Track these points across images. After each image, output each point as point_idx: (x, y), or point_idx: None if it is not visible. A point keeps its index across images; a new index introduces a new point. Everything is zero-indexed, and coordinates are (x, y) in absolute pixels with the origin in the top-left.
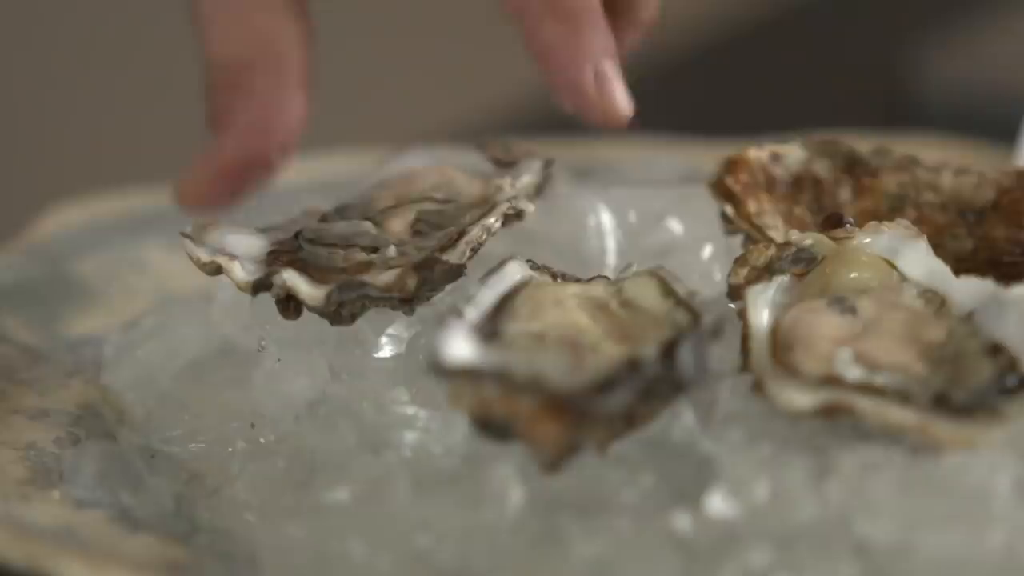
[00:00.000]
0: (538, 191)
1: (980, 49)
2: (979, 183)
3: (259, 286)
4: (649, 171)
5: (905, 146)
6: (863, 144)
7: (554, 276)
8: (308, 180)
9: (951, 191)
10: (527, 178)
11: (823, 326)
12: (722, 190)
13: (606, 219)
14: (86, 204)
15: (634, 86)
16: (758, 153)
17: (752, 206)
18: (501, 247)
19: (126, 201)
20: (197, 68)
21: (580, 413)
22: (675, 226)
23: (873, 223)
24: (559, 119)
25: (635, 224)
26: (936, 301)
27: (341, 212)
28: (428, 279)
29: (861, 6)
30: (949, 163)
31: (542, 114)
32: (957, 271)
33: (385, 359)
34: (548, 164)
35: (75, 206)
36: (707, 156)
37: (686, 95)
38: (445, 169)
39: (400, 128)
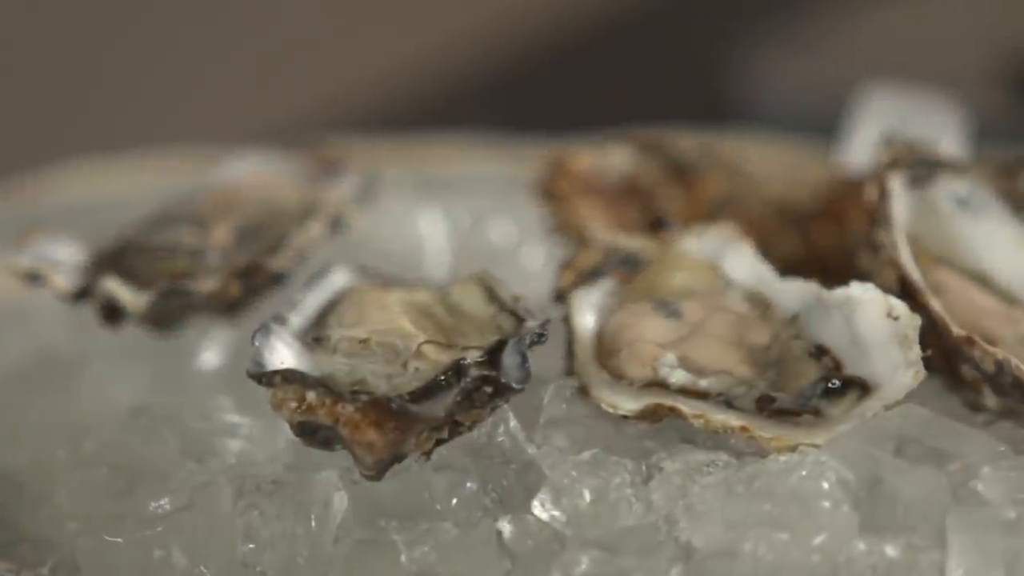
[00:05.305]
0: (363, 197)
1: (808, 46)
2: (807, 189)
3: (81, 294)
4: (479, 175)
5: (732, 143)
6: (690, 141)
7: (380, 281)
8: (133, 186)
9: (780, 196)
10: (351, 185)
11: (648, 330)
12: (548, 194)
13: (435, 224)
14: None
15: (467, 88)
16: (585, 156)
17: (578, 210)
18: (329, 253)
19: None
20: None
21: (403, 419)
22: (504, 230)
23: (698, 226)
24: (393, 117)
25: (464, 229)
26: (761, 304)
27: (165, 220)
28: (252, 286)
29: (692, 5)
30: (779, 167)
31: (377, 112)
32: (786, 275)
33: (208, 366)
34: (373, 170)
35: None
36: (537, 158)
37: (518, 96)
38: (269, 176)
39: (233, 124)
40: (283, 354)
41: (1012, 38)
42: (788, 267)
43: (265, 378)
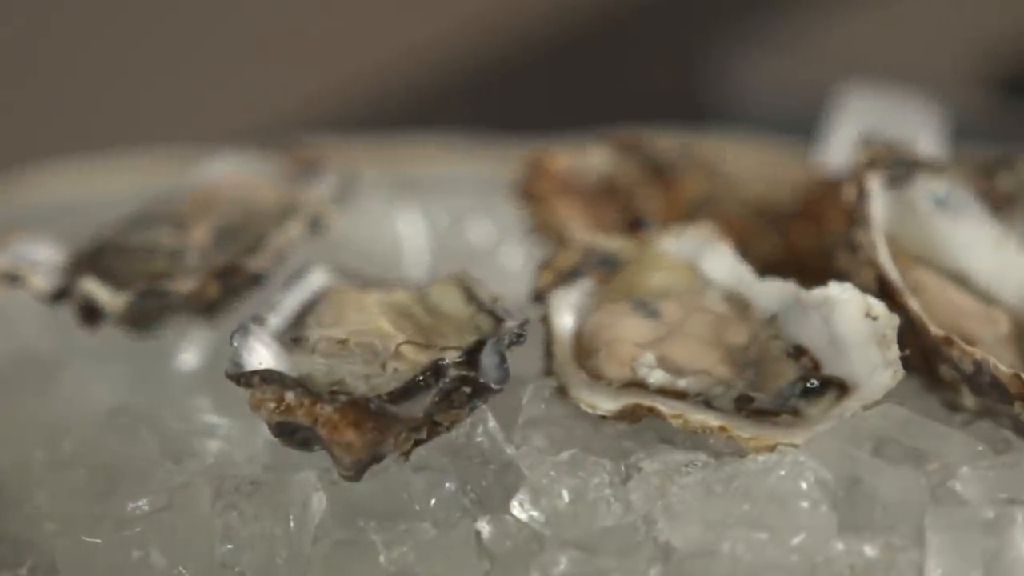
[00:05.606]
0: (341, 198)
1: (787, 47)
2: (786, 189)
3: (59, 295)
4: (457, 176)
5: (711, 143)
6: (669, 142)
7: (358, 282)
8: (111, 186)
9: (759, 196)
10: (330, 185)
11: (626, 330)
12: (527, 194)
13: (414, 224)
14: None
15: (446, 89)
16: (563, 156)
17: (557, 210)
18: (307, 254)
19: None
20: None
21: (382, 419)
22: (483, 231)
23: (676, 226)
24: (372, 118)
25: (443, 229)
26: (740, 304)
27: (144, 220)
28: (230, 286)
29: (672, 6)
30: (757, 167)
31: (355, 113)
32: (765, 275)
33: (187, 367)
34: (352, 171)
35: None
36: (516, 159)
37: (497, 96)
38: (248, 177)
39: (212, 125)
40: (262, 355)
41: (990, 38)
42: (767, 267)
43: (244, 379)
